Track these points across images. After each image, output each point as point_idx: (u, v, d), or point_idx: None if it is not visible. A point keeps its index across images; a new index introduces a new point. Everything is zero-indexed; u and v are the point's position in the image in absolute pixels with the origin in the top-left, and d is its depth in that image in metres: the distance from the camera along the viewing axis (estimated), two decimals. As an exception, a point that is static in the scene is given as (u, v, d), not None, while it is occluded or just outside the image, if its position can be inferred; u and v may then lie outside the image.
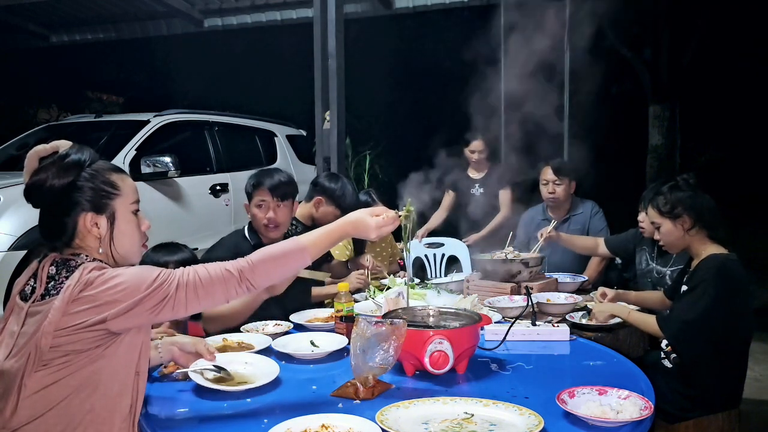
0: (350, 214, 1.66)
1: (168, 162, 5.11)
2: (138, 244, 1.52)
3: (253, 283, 1.46)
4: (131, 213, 1.49)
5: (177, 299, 1.37)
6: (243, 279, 1.44)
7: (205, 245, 5.71)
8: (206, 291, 1.41)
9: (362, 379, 1.61)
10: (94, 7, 8.36)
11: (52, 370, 1.32)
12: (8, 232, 3.97)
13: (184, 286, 1.39)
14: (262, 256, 1.49)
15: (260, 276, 1.47)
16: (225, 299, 1.46)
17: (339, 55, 4.83)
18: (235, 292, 1.45)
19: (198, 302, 1.41)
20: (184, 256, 2.32)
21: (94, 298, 1.32)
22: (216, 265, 1.45)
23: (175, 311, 1.39)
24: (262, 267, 1.47)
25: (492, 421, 1.41)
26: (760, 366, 4.22)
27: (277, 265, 1.51)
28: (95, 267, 1.37)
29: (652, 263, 3.03)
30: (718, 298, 2.18)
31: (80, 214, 1.42)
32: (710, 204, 2.33)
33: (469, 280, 2.95)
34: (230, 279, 1.43)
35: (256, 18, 8.16)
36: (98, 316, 1.32)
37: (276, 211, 2.57)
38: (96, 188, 1.42)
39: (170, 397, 1.66)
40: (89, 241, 1.44)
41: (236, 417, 1.53)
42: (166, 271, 1.40)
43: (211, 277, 1.42)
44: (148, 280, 1.36)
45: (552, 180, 3.61)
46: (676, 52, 8.37)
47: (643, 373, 1.79)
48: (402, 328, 1.64)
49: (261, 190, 2.58)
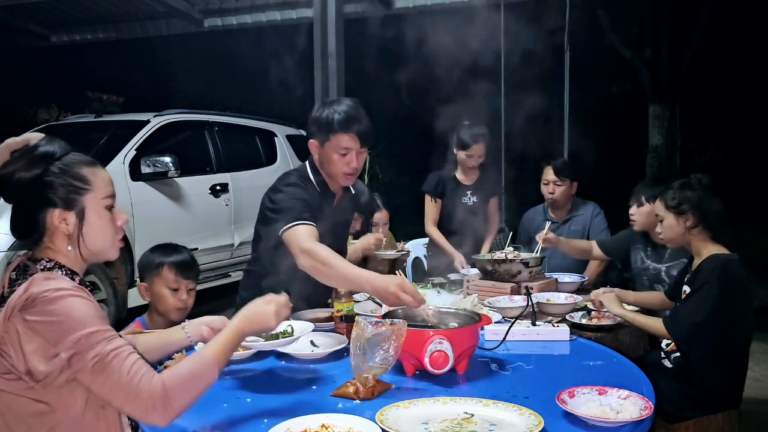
0: (244, 310, 1.53)
1: (168, 162, 5.11)
2: (111, 239, 1.45)
3: (162, 418, 1.28)
4: (104, 208, 1.43)
5: (88, 370, 1.25)
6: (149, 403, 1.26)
7: (205, 245, 5.77)
8: (111, 386, 1.26)
9: (362, 379, 1.61)
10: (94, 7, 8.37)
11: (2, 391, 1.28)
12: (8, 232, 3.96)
13: (102, 365, 1.25)
14: (177, 382, 1.31)
15: (175, 403, 1.29)
16: (120, 409, 1.33)
17: (339, 55, 4.84)
18: (131, 410, 1.28)
19: (101, 389, 1.27)
20: (182, 257, 2.31)
21: (30, 325, 1.25)
22: (144, 372, 1.28)
23: (84, 380, 1.27)
24: (177, 394, 1.29)
25: (492, 421, 1.41)
26: (760, 366, 4.22)
27: (190, 388, 1.33)
28: (45, 277, 1.30)
29: (647, 261, 3.04)
30: (721, 298, 2.19)
31: (48, 210, 1.37)
32: (718, 206, 2.33)
33: (469, 280, 2.95)
34: (135, 395, 1.26)
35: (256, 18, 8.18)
36: (24, 347, 1.25)
37: (360, 160, 2.34)
38: (65, 183, 1.37)
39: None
40: (58, 239, 1.39)
41: (236, 417, 1.52)
42: (101, 333, 1.27)
43: (123, 377, 1.25)
44: (77, 333, 1.24)
45: (553, 180, 3.60)
46: (676, 52, 8.37)
47: (643, 373, 1.79)
48: (402, 328, 1.64)
49: (348, 135, 2.27)
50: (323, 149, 2.34)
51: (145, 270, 2.27)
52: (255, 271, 2.56)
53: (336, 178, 2.39)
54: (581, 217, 3.69)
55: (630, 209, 3.04)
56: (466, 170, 3.80)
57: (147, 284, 2.25)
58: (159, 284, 2.21)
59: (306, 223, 2.21)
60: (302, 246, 2.14)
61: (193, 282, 2.31)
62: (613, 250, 3.26)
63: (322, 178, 2.43)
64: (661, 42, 8.35)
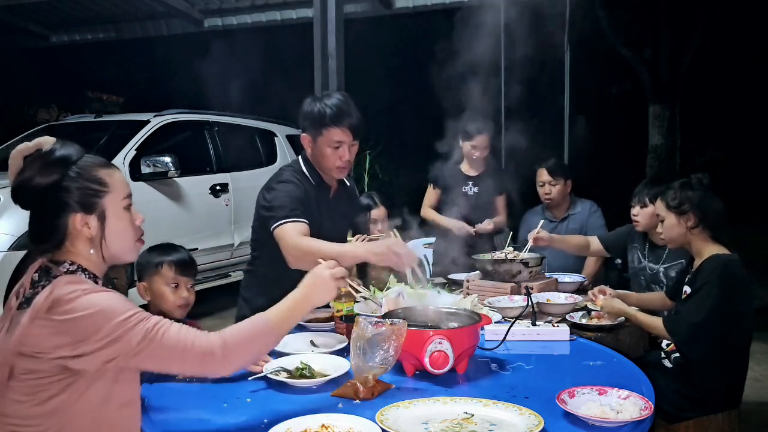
0: (304, 279, 1.59)
1: (168, 162, 5.11)
2: (132, 240, 1.45)
3: (219, 369, 1.35)
4: (123, 209, 1.42)
5: (132, 353, 1.27)
6: (207, 360, 1.33)
7: (205, 245, 5.76)
8: (163, 356, 1.30)
9: (362, 379, 1.61)
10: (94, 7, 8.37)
11: (15, 394, 1.27)
12: (8, 232, 3.98)
13: (149, 341, 1.28)
14: (235, 340, 1.37)
15: (233, 362, 1.36)
16: (179, 372, 1.39)
17: (339, 55, 4.84)
18: (191, 370, 1.35)
19: (152, 363, 1.31)
20: (180, 256, 2.31)
21: (56, 326, 1.24)
22: (191, 332, 1.34)
23: (128, 364, 1.29)
24: (234, 354, 1.36)
25: (492, 421, 1.41)
26: (760, 366, 4.22)
27: (248, 350, 1.41)
28: (69, 281, 1.30)
29: (644, 261, 3.03)
30: (721, 298, 2.18)
31: (69, 215, 1.35)
32: (718, 206, 2.33)
33: (469, 280, 2.95)
34: (193, 355, 1.31)
35: (256, 18, 8.18)
36: (54, 348, 1.24)
37: (351, 152, 2.35)
38: (83, 187, 1.35)
39: (169, 398, 1.66)
40: (79, 243, 1.38)
41: (236, 417, 1.52)
42: (140, 314, 1.30)
43: (177, 343, 1.30)
44: (114, 321, 1.26)
45: (548, 181, 3.66)
46: (676, 52, 8.37)
47: (643, 373, 1.79)
48: (402, 328, 1.64)
49: (340, 129, 2.30)
50: (316, 143, 2.37)
51: (144, 269, 2.26)
52: (255, 270, 2.56)
53: (329, 172, 2.42)
54: (578, 215, 3.72)
55: (632, 210, 3.04)
56: (471, 162, 3.91)
57: (146, 284, 2.25)
58: (159, 282, 2.21)
59: (296, 220, 2.21)
60: (290, 243, 2.15)
61: (192, 279, 2.31)
62: (612, 246, 3.26)
63: (317, 172, 2.44)
64: (661, 42, 8.35)
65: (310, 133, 2.38)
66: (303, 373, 1.74)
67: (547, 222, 3.63)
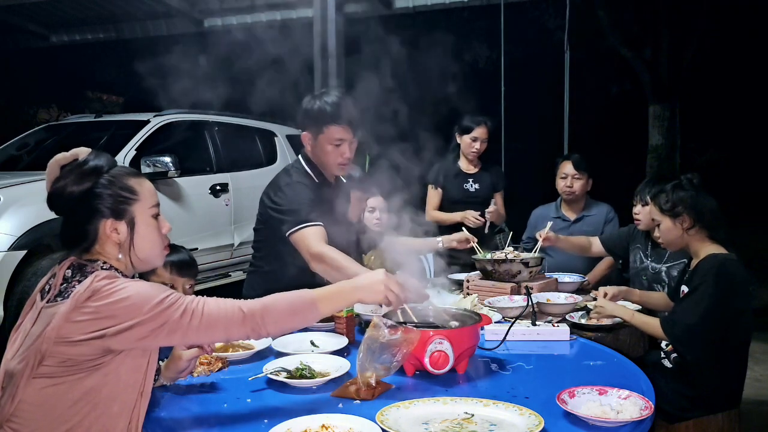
0: (358, 277, 1.65)
1: (168, 162, 5.11)
2: (159, 247, 1.53)
3: (260, 331, 1.43)
4: (151, 217, 1.50)
5: (176, 327, 1.35)
6: (247, 323, 1.41)
7: (205, 245, 5.76)
8: (208, 325, 1.38)
9: (364, 380, 1.61)
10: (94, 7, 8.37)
11: (49, 380, 1.32)
12: (8, 232, 3.97)
13: (190, 314, 1.36)
14: (275, 307, 1.46)
15: (270, 325, 1.44)
16: (225, 338, 1.47)
17: (339, 55, 4.84)
18: (236, 333, 1.43)
19: (197, 334, 1.38)
20: (180, 257, 2.30)
21: (97, 310, 1.31)
22: (228, 301, 1.43)
23: (171, 338, 1.37)
24: (272, 318, 1.44)
25: (492, 421, 1.41)
26: (760, 366, 4.22)
27: (287, 319, 1.48)
28: (106, 276, 1.36)
29: (647, 260, 3.03)
30: (717, 298, 2.18)
31: (100, 220, 1.43)
32: (712, 205, 2.32)
33: (469, 280, 2.95)
34: (236, 320, 1.41)
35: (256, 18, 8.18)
36: (97, 331, 1.30)
37: (352, 149, 2.37)
38: (114, 194, 1.43)
39: (170, 398, 1.66)
40: (108, 248, 1.45)
41: (236, 417, 1.52)
42: (175, 294, 1.38)
43: (219, 312, 1.39)
44: (153, 302, 1.33)
45: (571, 174, 3.56)
46: (676, 52, 8.35)
47: (643, 373, 1.79)
48: (414, 336, 1.65)
49: (341, 127, 2.33)
50: (317, 141, 2.38)
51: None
52: (259, 271, 2.56)
53: (330, 169, 2.44)
54: (594, 218, 3.63)
55: (634, 208, 3.03)
56: (469, 159, 3.94)
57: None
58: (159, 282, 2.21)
59: (314, 224, 2.22)
60: (312, 250, 2.17)
61: (193, 279, 2.31)
62: (614, 247, 3.24)
63: (318, 170, 2.46)
64: (661, 42, 8.33)
65: (310, 130, 2.40)
66: (303, 373, 1.75)
67: (559, 221, 3.60)
